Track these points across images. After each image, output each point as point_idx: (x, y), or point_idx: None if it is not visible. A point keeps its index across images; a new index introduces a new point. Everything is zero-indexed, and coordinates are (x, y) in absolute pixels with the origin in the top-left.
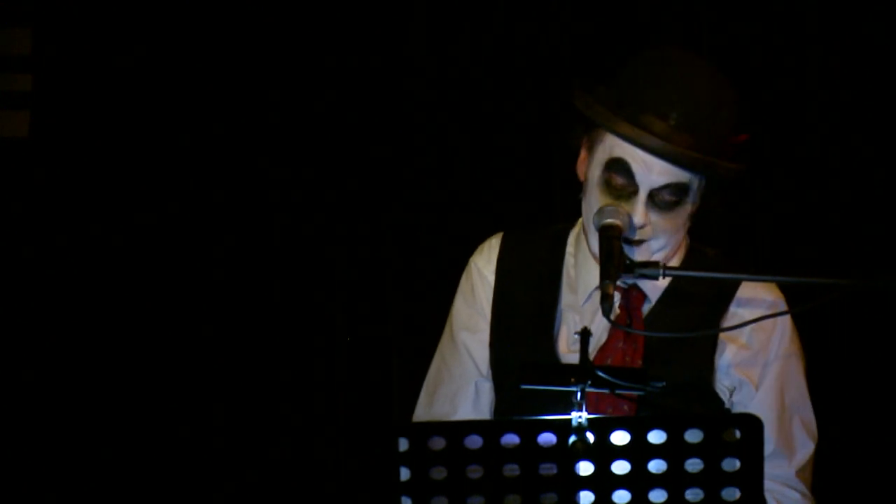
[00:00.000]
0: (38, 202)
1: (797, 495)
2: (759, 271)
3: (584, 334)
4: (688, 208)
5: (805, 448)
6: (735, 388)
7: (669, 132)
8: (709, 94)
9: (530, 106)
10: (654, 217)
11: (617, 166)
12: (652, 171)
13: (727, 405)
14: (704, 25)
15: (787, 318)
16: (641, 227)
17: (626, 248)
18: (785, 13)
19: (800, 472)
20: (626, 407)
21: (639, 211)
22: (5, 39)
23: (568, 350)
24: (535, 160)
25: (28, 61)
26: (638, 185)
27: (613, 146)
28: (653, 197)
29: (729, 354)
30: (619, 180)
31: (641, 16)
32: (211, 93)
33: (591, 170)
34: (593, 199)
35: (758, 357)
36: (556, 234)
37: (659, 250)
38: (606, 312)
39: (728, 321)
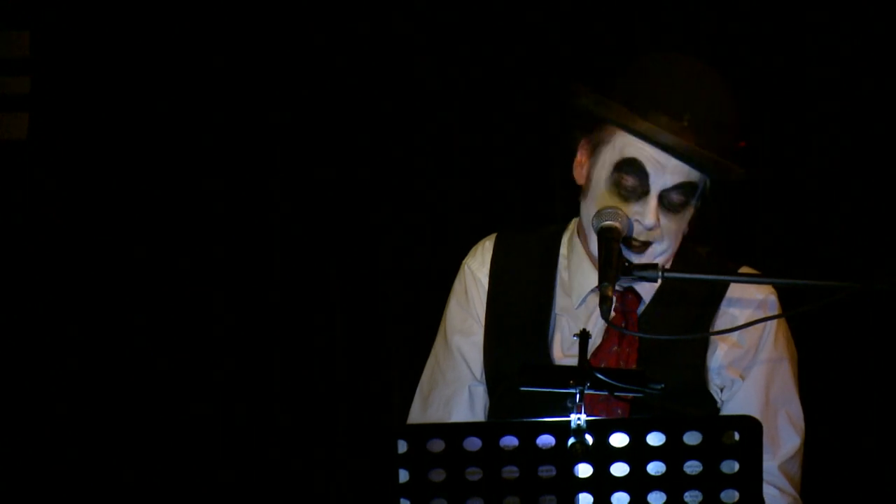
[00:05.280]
0: (36, 204)
1: (775, 491)
2: (752, 266)
3: (584, 336)
4: (691, 210)
5: (790, 442)
6: (726, 386)
7: (683, 132)
8: (719, 98)
9: (528, 106)
10: (664, 219)
11: (629, 167)
12: (666, 170)
13: (720, 405)
14: (703, 26)
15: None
16: (651, 228)
17: (626, 253)
18: (784, 13)
19: (784, 466)
20: (619, 411)
21: (651, 212)
22: (4, 42)
23: (562, 354)
24: (534, 161)
25: (26, 64)
26: (650, 185)
27: (625, 146)
28: (662, 198)
29: (720, 354)
30: (630, 181)
31: (642, 16)
32: (209, 94)
33: (597, 171)
34: (600, 202)
35: (748, 354)
36: (550, 237)
37: (662, 254)
38: (605, 315)
39: (719, 320)
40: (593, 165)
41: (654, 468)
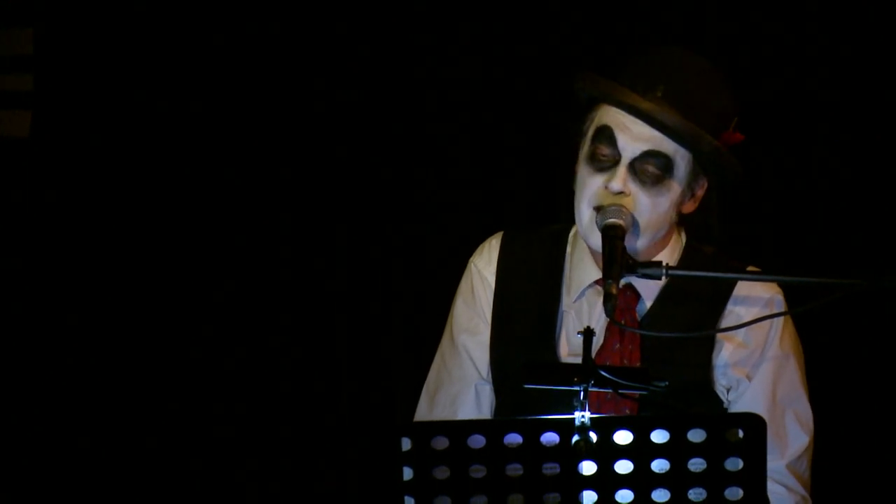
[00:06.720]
0: (38, 202)
1: (782, 489)
2: (758, 267)
3: (588, 334)
4: (673, 193)
5: (798, 441)
6: (732, 387)
7: (656, 101)
8: (695, 75)
9: (534, 105)
10: (635, 188)
11: (602, 135)
12: (634, 135)
13: (726, 405)
14: (706, 26)
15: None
16: (619, 192)
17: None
18: (785, 13)
19: (792, 465)
20: (627, 409)
21: (619, 176)
22: (7, 39)
23: (569, 352)
24: (536, 160)
25: (30, 61)
26: (620, 151)
27: (602, 117)
28: (635, 168)
29: (726, 353)
30: (603, 150)
31: (644, 16)
32: (212, 93)
33: (582, 152)
34: (581, 176)
35: (754, 354)
36: (556, 235)
37: (642, 235)
38: (610, 312)
39: (726, 319)
40: (581, 147)
41: (659, 465)
